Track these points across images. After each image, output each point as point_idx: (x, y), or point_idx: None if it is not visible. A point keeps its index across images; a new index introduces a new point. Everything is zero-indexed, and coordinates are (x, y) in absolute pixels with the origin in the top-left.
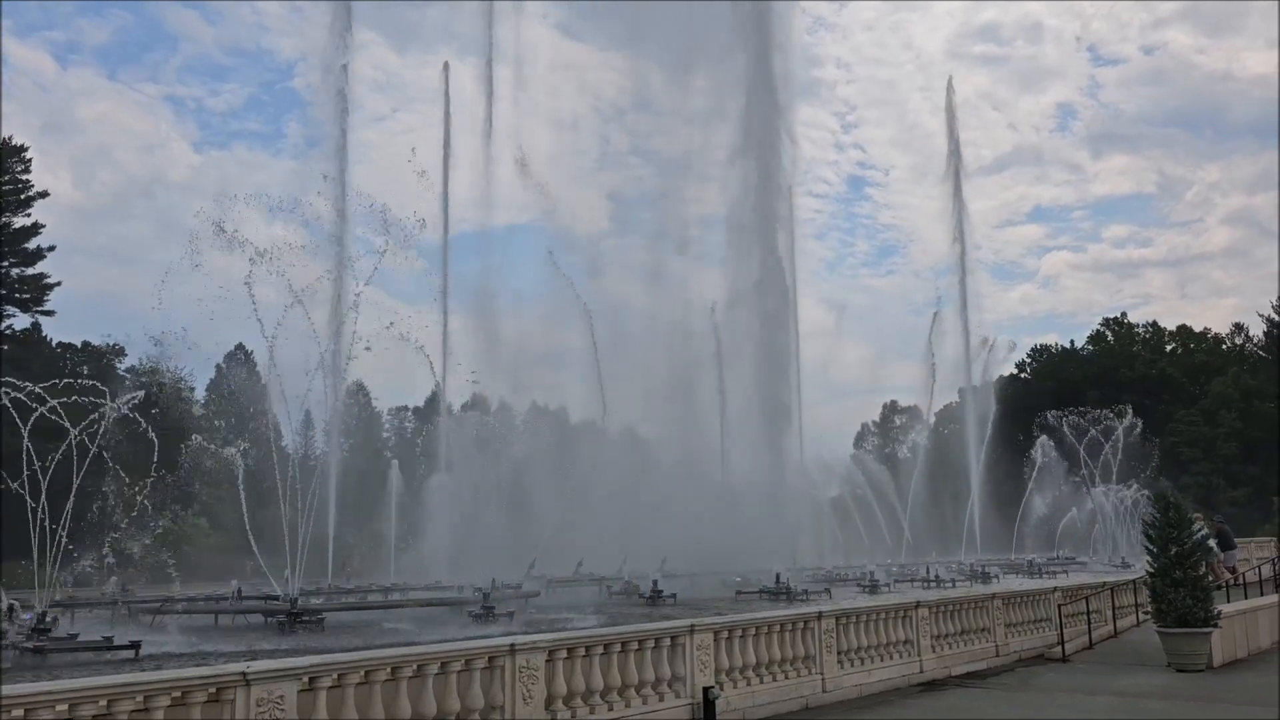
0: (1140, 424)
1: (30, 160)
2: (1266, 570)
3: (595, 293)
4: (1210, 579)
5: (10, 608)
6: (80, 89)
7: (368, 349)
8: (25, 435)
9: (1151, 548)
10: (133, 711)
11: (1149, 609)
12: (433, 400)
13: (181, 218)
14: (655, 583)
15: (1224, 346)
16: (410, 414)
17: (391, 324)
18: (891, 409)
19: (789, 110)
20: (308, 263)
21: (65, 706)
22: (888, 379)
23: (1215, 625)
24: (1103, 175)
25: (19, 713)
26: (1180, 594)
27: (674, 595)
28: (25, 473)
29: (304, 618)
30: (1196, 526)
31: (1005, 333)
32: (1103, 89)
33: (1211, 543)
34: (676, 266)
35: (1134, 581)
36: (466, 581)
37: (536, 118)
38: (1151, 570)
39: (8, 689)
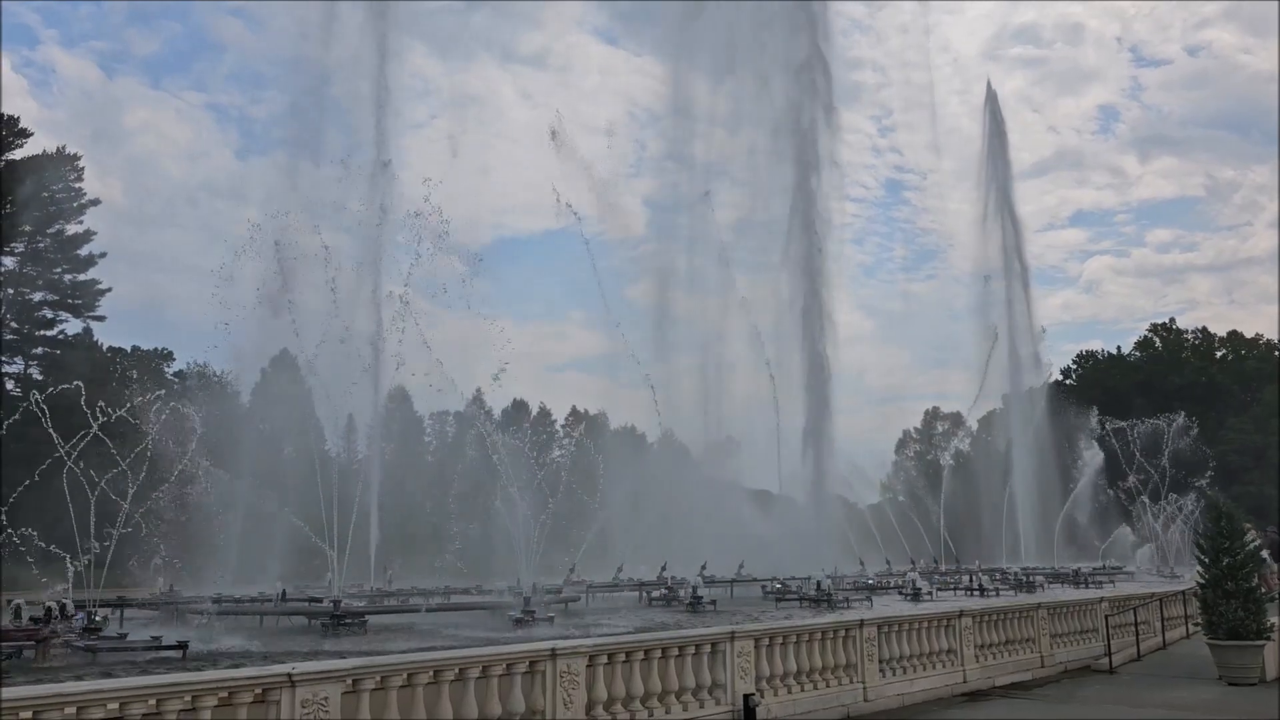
0: (1196, 427)
1: (83, 169)
2: None
3: (632, 298)
4: (1263, 590)
5: (62, 607)
6: (126, 97)
7: None
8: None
9: (1203, 558)
10: (181, 711)
11: (1199, 621)
12: (474, 405)
13: (225, 224)
14: (695, 589)
15: (1276, 353)
16: (451, 418)
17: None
18: (933, 415)
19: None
20: (351, 270)
21: (116, 705)
22: (928, 386)
23: (1268, 638)
24: (1146, 178)
25: (71, 710)
26: (1232, 605)
27: (714, 601)
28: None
29: (347, 620)
30: (1249, 537)
31: (1047, 338)
32: (1145, 91)
33: (1264, 554)
34: (713, 272)
35: (1183, 593)
36: (508, 586)
37: (575, 124)
38: (1202, 581)
39: (59, 687)
